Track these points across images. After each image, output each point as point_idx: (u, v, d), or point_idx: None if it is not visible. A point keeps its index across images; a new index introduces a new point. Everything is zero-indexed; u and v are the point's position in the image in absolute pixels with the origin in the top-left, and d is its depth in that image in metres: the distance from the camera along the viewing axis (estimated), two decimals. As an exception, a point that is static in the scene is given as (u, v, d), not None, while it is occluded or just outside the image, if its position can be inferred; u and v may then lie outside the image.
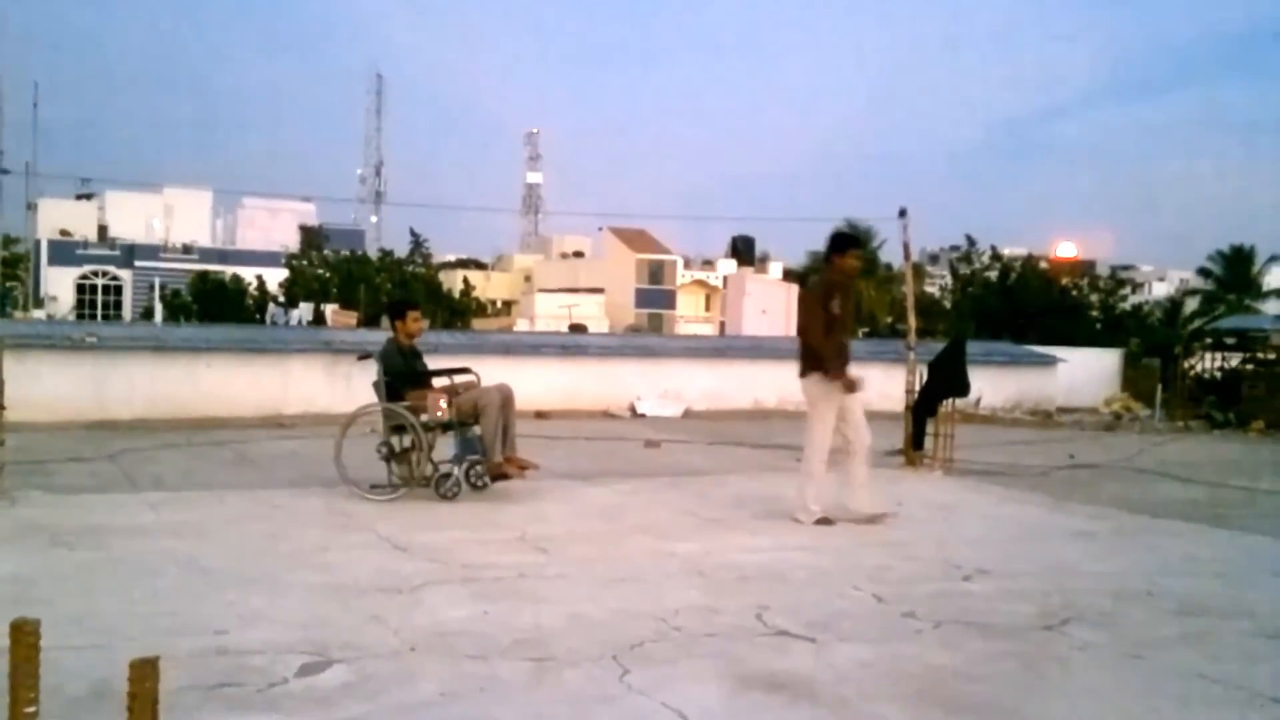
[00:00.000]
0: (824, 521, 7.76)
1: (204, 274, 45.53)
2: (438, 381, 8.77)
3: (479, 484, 8.61)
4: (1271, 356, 21.21)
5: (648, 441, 12.89)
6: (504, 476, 8.45)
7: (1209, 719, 4.12)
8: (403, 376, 8.57)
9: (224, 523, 7.31)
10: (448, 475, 8.39)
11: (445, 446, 8.64)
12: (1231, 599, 5.97)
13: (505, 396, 8.50)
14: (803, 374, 7.97)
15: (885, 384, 13.81)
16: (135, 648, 3.98)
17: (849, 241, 8.40)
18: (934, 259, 67.44)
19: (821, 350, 7.81)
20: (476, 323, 36.44)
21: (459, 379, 8.79)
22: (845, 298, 8.11)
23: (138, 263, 60.07)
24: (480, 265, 74.51)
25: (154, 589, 5.48)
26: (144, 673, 3.43)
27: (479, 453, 8.51)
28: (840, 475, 8.02)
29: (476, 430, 8.46)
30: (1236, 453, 14.36)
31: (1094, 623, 5.36)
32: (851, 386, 7.82)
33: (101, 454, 10.57)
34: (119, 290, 60.27)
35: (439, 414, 8.30)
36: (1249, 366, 20.85)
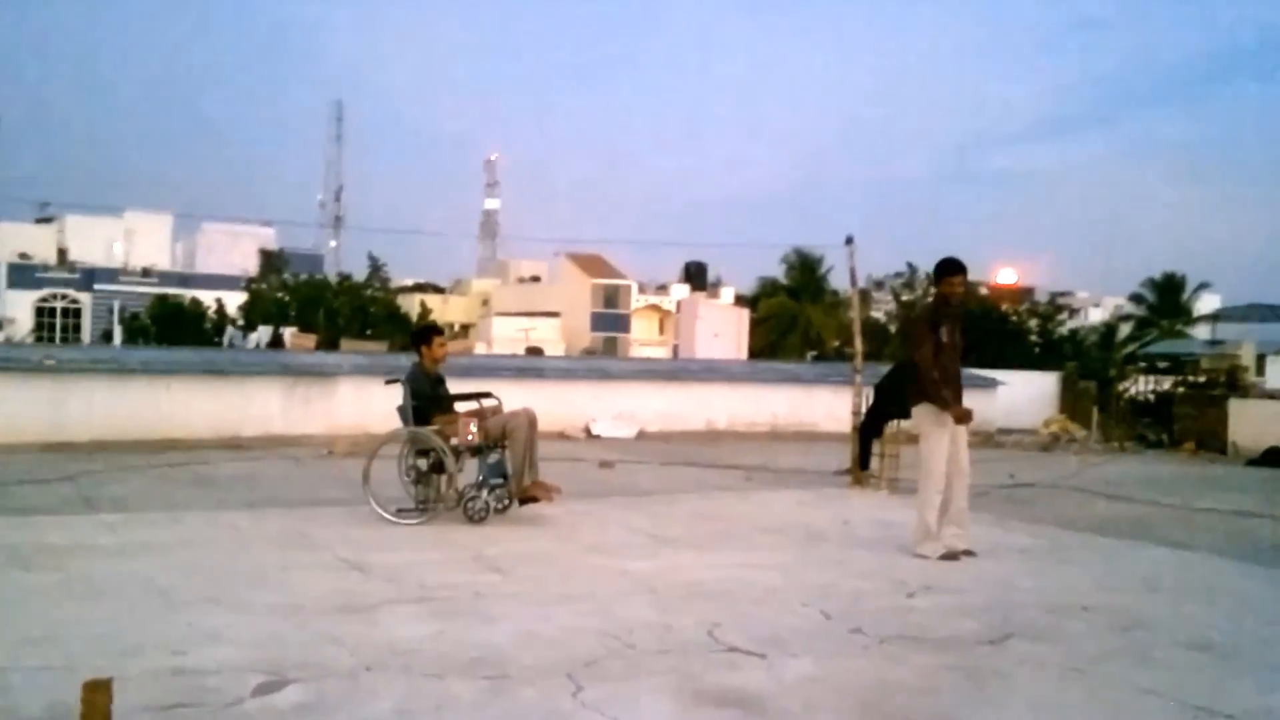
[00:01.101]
0: (949, 557, 7.35)
1: (163, 297, 44.90)
2: (463, 405, 8.70)
3: (500, 507, 8.43)
4: (1202, 380, 21.61)
5: (602, 462, 12.87)
6: (532, 499, 8.34)
7: (1144, 730, 4.17)
8: (429, 400, 8.49)
9: (182, 544, 7.19)
10: (475, 498, 8.25)
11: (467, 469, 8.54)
12: (1166, 613, 6.04)
13: (530, 420, 8.41)
14: (913, 403, 7.71)
15: (833, 406, 13.90)
16: (91, 669, 3.91)
17: (948, 268, 7.77)
18: (880, 285, 68.03)
19: (927, 378, 7.52)
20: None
21: (484, 403, 8.73)
22: (952, 325, 7.71)
23: (97, 286, 59.17)
24: (438, 289, 74.16)
25: (111, 610, 5.37)
26: (97, 693, 3.37)
27: (502, 476, 8.40)
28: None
29: (494, 456, 8.36)
30: (1169, 472, 14.58)
31: (1034, 637, 5.40)
32: (963, 417, 7.49)
33: (59, 475, 10.38)
34: (78, 313, 59.31)
35: (469, 438, 8.21)
36: (1180, 389, 21.22)
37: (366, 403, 15.75)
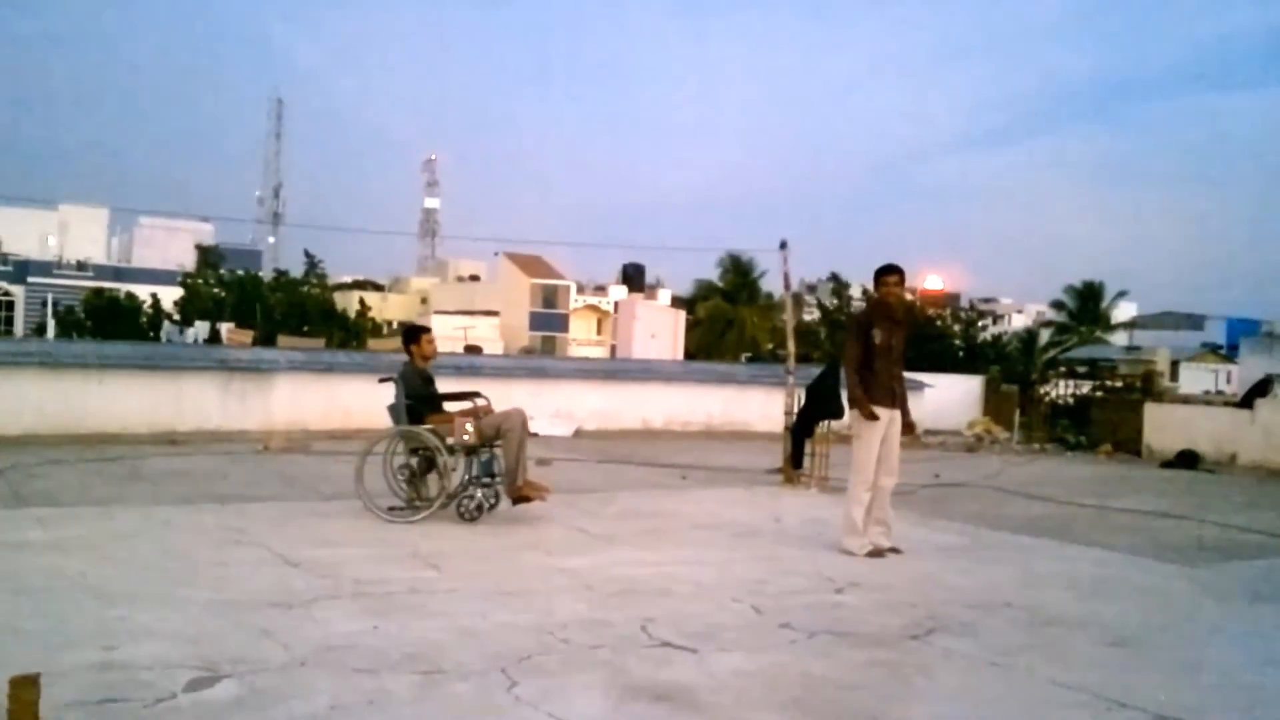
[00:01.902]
0: (875, 554, 7.43)
1: (98, 291, 43.93)
2: (452, 405, 8.60)
3: (490, 505, 8.32)
4: (1119, 384, 22.10)
5: (539, 459, 12.80)
6: (525, 499, 8.27)
7: (1060, 721, 4.25)
8: (423, 399, 8.41)
9: (114, 539, 7.04)
10: (470, 496, 8.18)
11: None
12: (1082, 609, 6.16)
13: (523, 420, 8.34)
14: (850, 404, 7.77)
15: (766, 406, 13.97)
16: (19, 664, 3.80)
17: (885, 269, 7.77)
18: (812, 289, 68.58)
19: (849, 380, 7.58)
20: (372, 343, 35.76)
21: (476, 402, 8.65)
22: (890, 327, 7.69)
23: (31, 279, 57.71)
24: (377, 287, 73.40)
25: (40, 605, 5.25)
26: (24, 689, 3.28)
27: (491, 474, 8.31)
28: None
29: (485, 454, 8.29)
30: (1087, 473, 14.87)
31: (957, 632, 5.48)
32: (871, 416, 7.49)
33: (-12, 469, 10.10)
34: (10, 306, 57.80)
35: (465, 437, 8.12)
36: (1098, 393, 21.66)
37: (303, 399, 15.57)
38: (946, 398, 21.27)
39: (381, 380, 8.65)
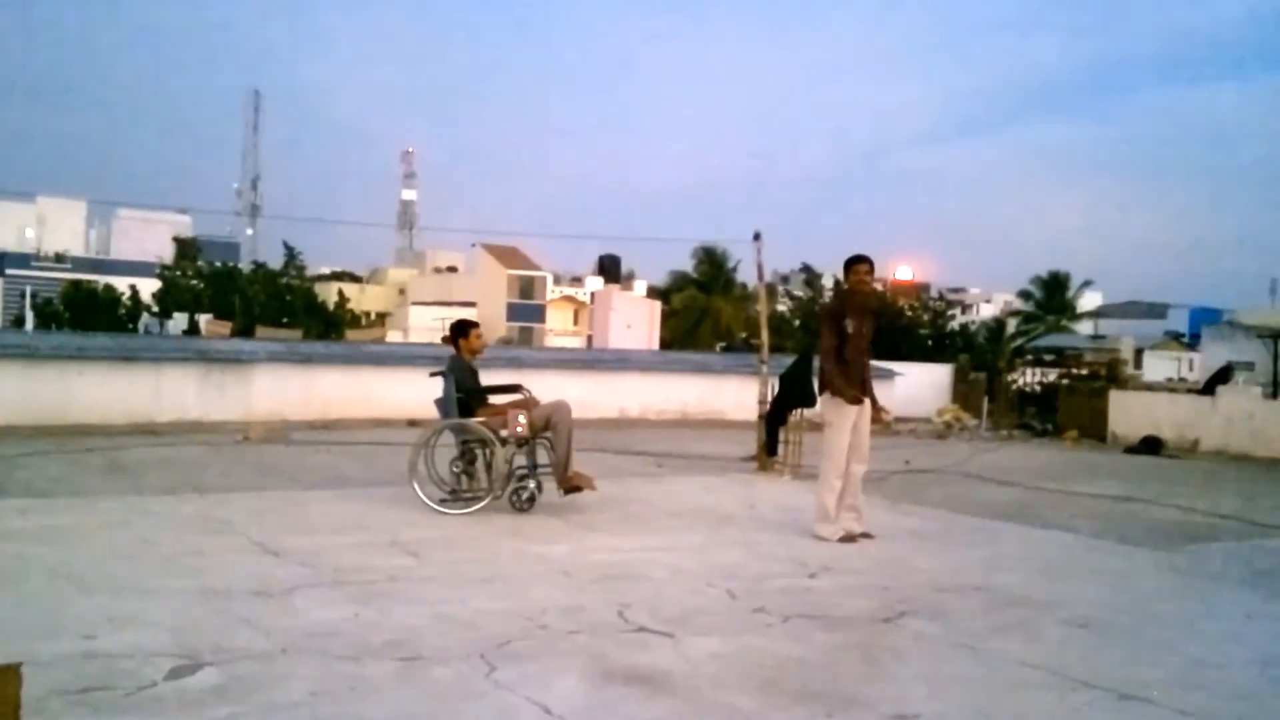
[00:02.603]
0: (847, 539, 7.46)
1: (76, 283, 43.51)
2: (503, 398, 8.57)
3: (538, 495, 8.34)
4: (1084, 372, 22.28)
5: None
6: (576, 489, 8.26)
7: (1029, 701, 4.28)
8: (473, 393, 8.38)
9: (95, 528, 6.99)
10: (523, 487, 8.19)
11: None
12: (1049, 592, 6.22)
13: (569, 412, 8.34)
14: (819, 391, 7.82)
15: (740, 395, 14.01)
16: (0, 654, 3.77)
17: (855, 259, 7.78)
18: (785, 279, 68.81)
19: (826, 369, 7.61)
20: (350, 334, 35.58)
21: (520, 395, 8.62)
22: (861, 316, 7.73)
23: (9, 271, 57.10)
24: (355, 278, 72.99)
25: (20, 594, 5.20)
26: (6, 678, 3.25)
27: (536, 465, 8.31)
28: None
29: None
30: (1053, 459, 14.97)
31: (927, 615, 5.52)
32: (855, 400, 7.54)
33: (-33, 461, 9.99)
34: (-12, 298, 57.21)
35: (519, 429, 8.09)
36: (1065, 381, 21.82)
37: (282, 389, 15.48)
38: (916, 386, 21.36)
39: (432, 374, 8.60)
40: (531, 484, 8.26)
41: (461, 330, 8.79)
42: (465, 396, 8.32)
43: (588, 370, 19.56)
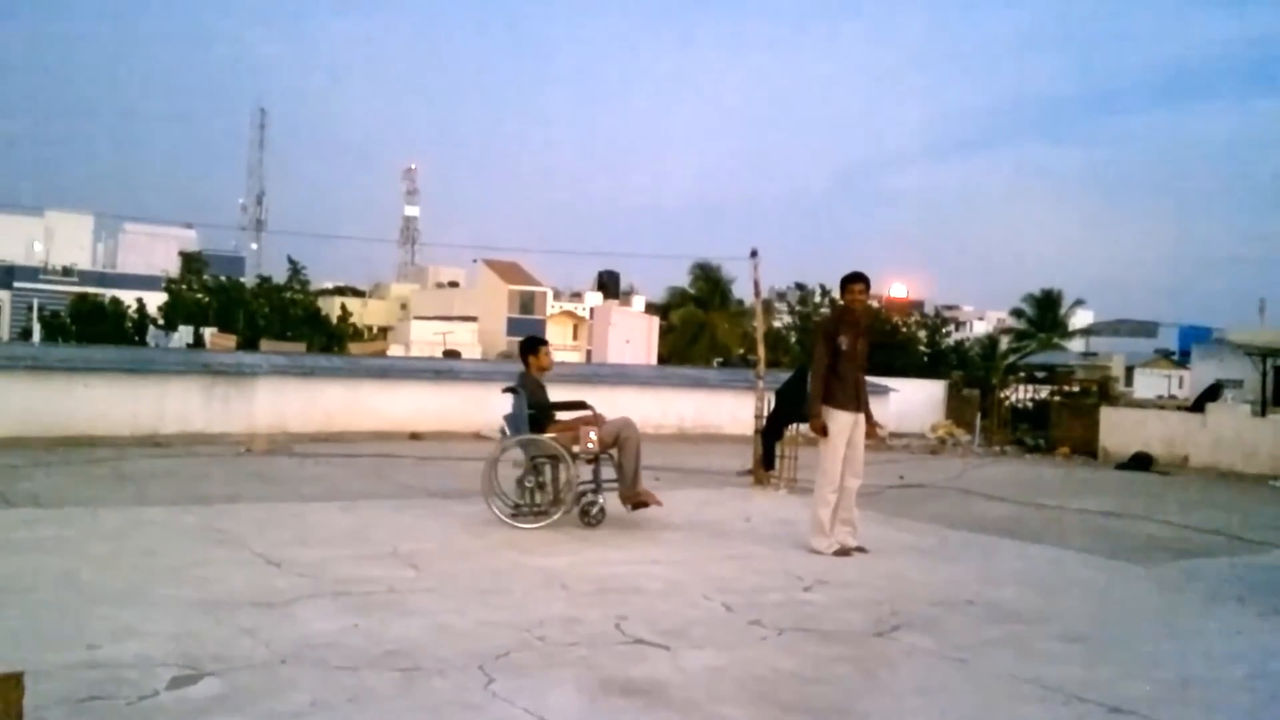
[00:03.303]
0: (842, 553, 7.44)
1: (84, 296, 43.50)
2: (569, 415, 8.60)
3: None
4: (1076, 389, 22.27)
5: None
6: (643, 504, 8.28)
7: (1021, 714, 4.27)
8: (544, 409, 8.40)
9: (98, 539, 6.97)
10: (594, 502, 8.21)
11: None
12: (1040, 606, 6.20)
13: (637, 429, 8.40)
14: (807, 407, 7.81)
15: (737, 409, 14.00)
16: (3, 663, 3.75)
17: (851, 277, 7.81)
18: (781, 296, 68.78)
19: (812, 386, 7.61)
20: (353, 347, 35.57)
21: (584, 412, 8.63)
22: (854, 333, 7.71)
23: (17, 283, 57.01)
24: (358, 293, 72.98)
25: (25, 604, 5.19)
26: (9, 687, 3.24)
27: (600, 482, 8.32)
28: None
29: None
30: (1046, 474, 14.97)
31: (920, 629, 5.51)
32: (822, 431, 7.53)
33: (-27, 471, 9.97)
34: (-4, 310, 57.16)
35: (590, 445, 8.10)
36: (1056, 397, 21.82)
37: (284, 402, 15.47)
38: (911, 401, 21.37)
39: (504, 390, 8.61)
40: (601, 499, 8.28)
41: (531, 347, 8.83)
42: (536, 412, 8.32)
43: (586, 385, 19.51)
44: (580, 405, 8.77)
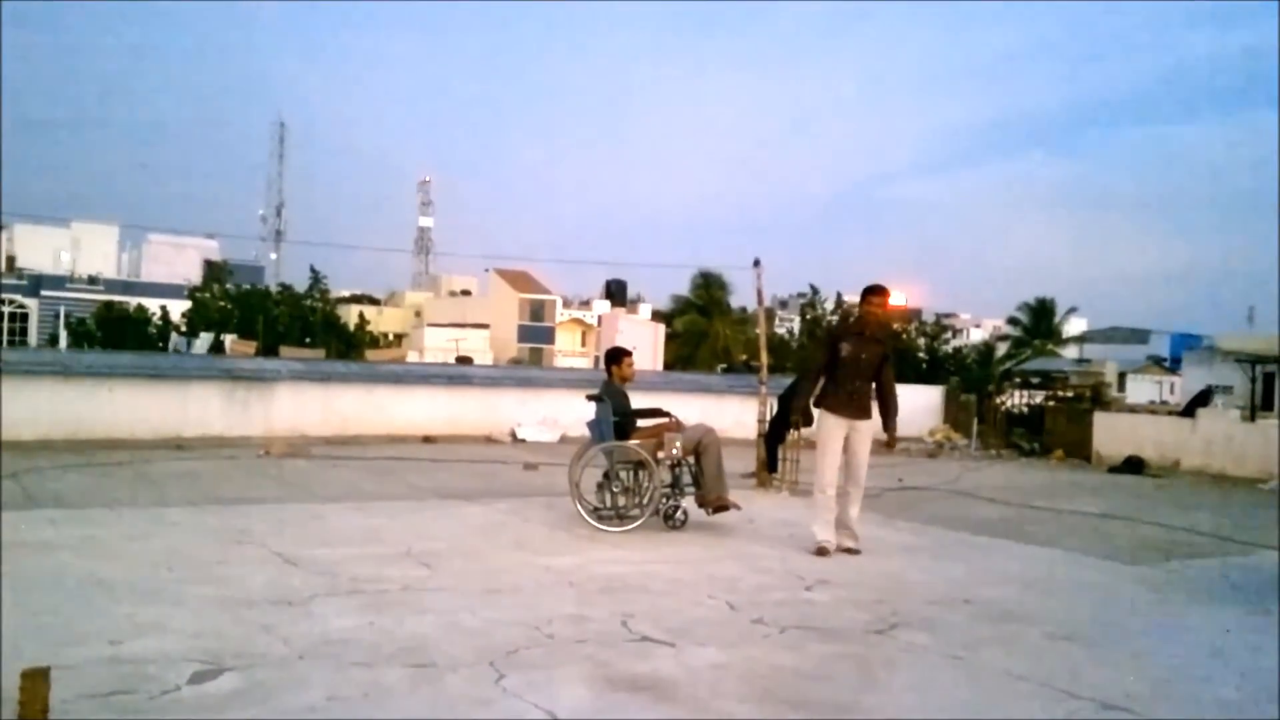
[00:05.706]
0: (821, 552, 7.44)
1: (109, 304, 43.63)
2: (650, 421, 8.65)
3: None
4: (1070, 394, 22.17)
5: (526, 464, 12.79)
6: (724, 508, 8.33)
7: (1016, 710, 4.25)
8: (628, 416, 8.47)
9: (122, 539, 6.98)
10: (677, 506, 8.28)
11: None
12: (1036, 606, 6.18)
13: (717, 436, 8.46)
14: (816, 409, 7.87)
15: (740, 414, 13.99)
16: (30, 658, 3.77)
17: (871, 289, 7.84)
18: (784, 304, 68.82)
19: (800, 386, 7.65)
20: (369, 353, 35.62)
21: (664, 420, 8.67)
22: (861, 343, 7.70)
23: (44, 292, 57.24)
24: (374, 300, 73.04)
25: (51, 601, 5.19)
26: (34, 682, 3.25)
27: (679, 487, 8.37)
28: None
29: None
30: (1040, 477, 14.93)
31: (919, 627, 5.49)
32: (797, 425, 7.65)
33: (4, 473, 10.00)
34: (25, 318, 57.26)
35: (674, 451, 8.16)
36: (1051, 403, 21.74)
37: (303, 406, 15.51)
38: (909, 406, 21.06)
39: (588, 398, 8.66)
40: (684, 503, 8.32)
41: (615, 358, 8.94)
42: (620, 420, 8.36)
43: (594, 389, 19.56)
44: (661, 413, 8.81)
